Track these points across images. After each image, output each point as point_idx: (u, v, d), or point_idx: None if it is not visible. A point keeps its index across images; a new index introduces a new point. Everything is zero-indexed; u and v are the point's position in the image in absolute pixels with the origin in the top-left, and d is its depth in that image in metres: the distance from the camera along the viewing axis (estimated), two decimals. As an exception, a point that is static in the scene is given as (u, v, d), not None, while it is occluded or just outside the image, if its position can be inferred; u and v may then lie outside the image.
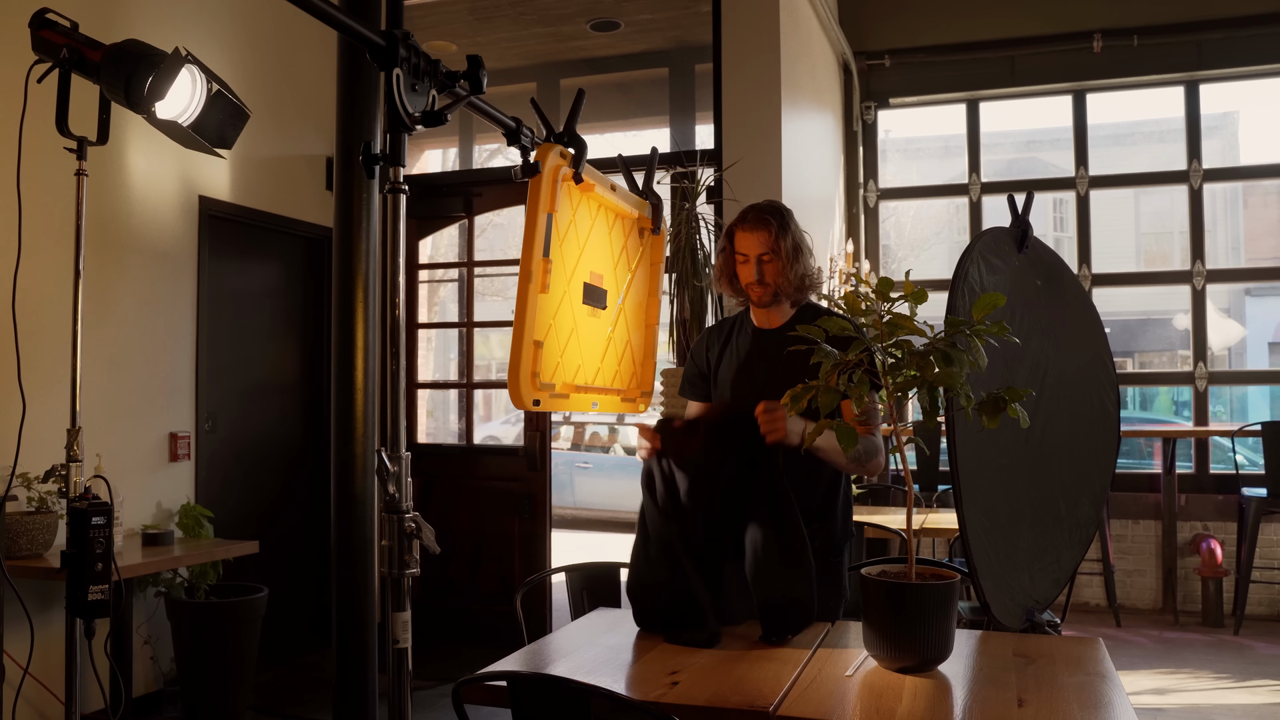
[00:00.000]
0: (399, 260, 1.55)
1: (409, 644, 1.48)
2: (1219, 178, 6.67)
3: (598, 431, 13.01)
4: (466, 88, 1.65)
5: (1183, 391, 7.92)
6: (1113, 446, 3.25)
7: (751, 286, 2.65)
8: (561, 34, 6.41)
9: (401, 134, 1.55)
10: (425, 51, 1.58)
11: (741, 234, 2.65)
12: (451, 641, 5.45)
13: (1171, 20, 6.41)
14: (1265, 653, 5.40)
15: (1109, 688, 2.06)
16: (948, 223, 9.83)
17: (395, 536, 1.48)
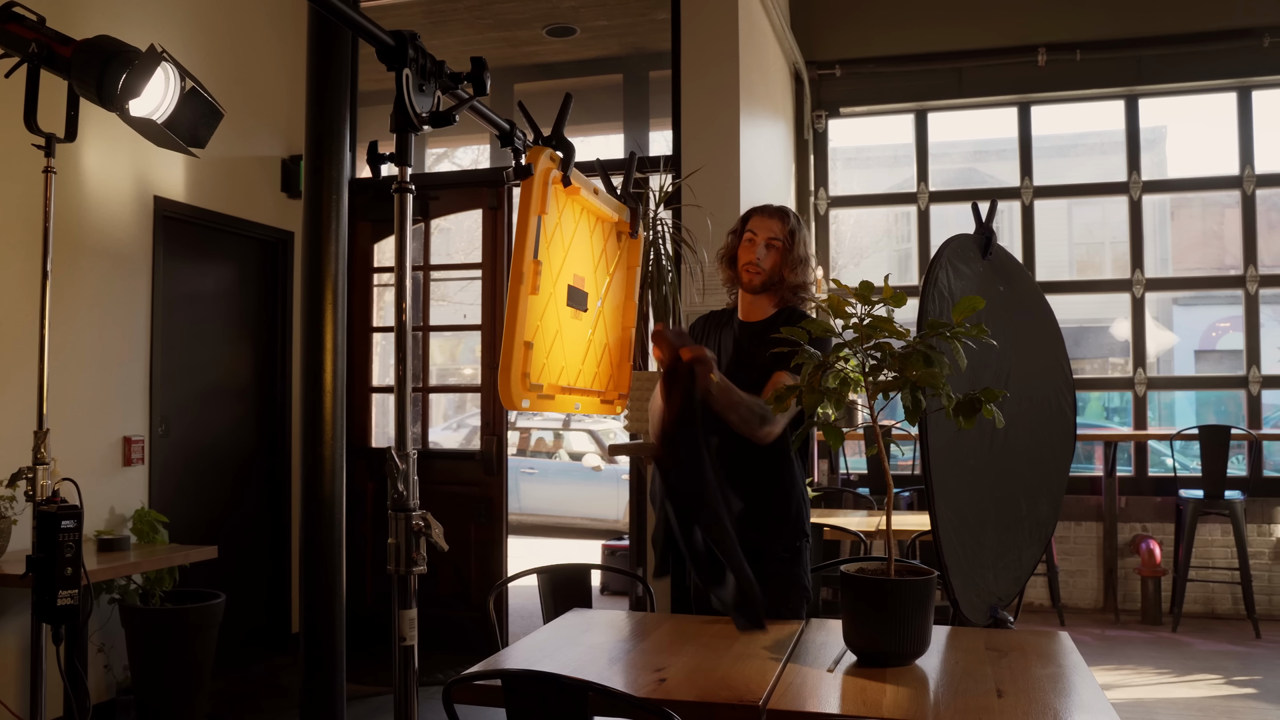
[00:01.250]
0: (406, 262, 1.56)
1: (415, 641, 1.49)
2: (1155, 190, 6.88)
3: (543, 437, 12.98)
4: (470, 90, 1.67)
5: (1113, 398, 8.13)
6: (1069, 448, 3.35)
7: (749, 266, 2.78)
8: (517, 39, 6.42)
9: (409, 134, 1.56)
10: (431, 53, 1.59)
11: (758, 217, 2.83)
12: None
13: (1112, 36, 6.61)
14: (1202, 648, 5.58)
15: (1080, 678, 2.13)
16: (887, 231, 9.99)
17: (403, 534, 1.48)
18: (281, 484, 5.54)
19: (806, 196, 7.17)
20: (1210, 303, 11.10)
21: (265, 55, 5.46)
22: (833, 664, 2.20)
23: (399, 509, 1.49)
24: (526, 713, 1.89)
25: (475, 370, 17.07)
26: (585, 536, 10.79)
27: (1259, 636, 5.78)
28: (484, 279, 5.53)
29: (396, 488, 1.49)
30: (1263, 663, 5.27)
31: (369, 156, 1.56)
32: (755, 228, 2.82)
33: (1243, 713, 4.47)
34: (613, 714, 2.00)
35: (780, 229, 2.80)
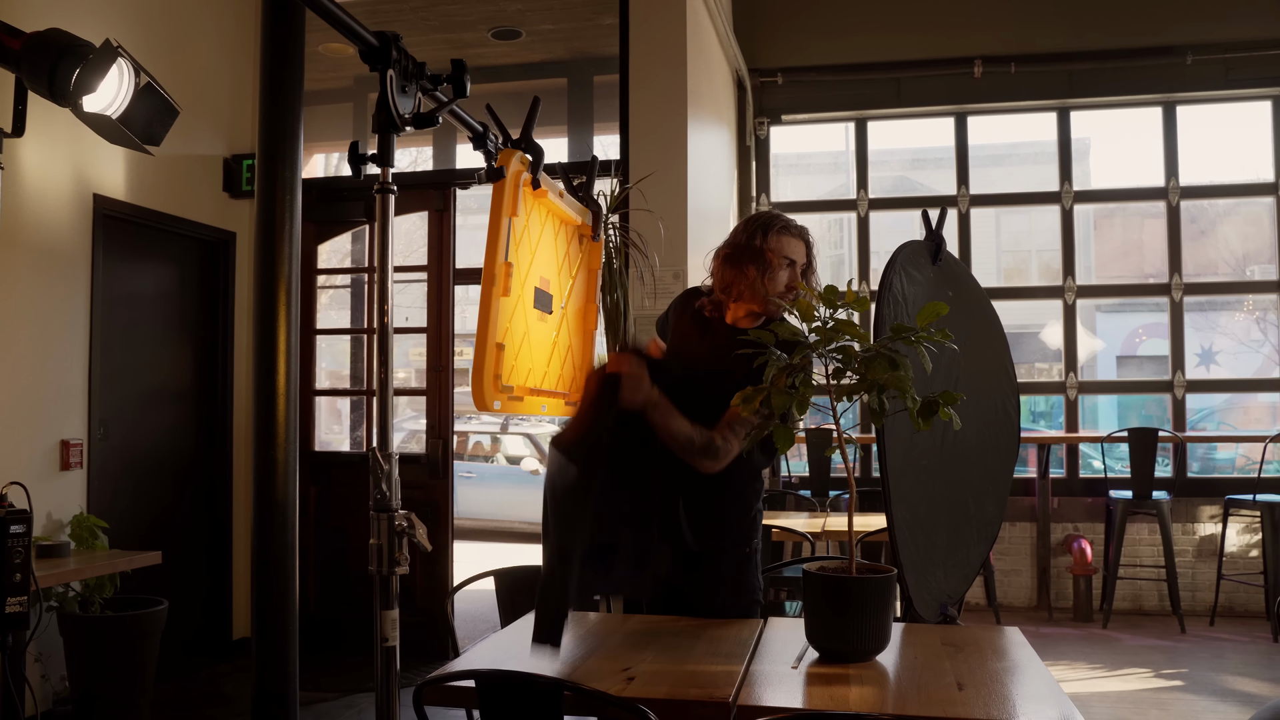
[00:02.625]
0: (388, 264, 1.56)
1: (397, 642, 1.49)
2: (1085, 199, 7.09)
3: (480, 441, 12.92)
4: (450, 92, 1.68)
5: (1039, 401, 8.36)
6: (1014, 449, 3.44)
7: (786, 294, 2.63)
8: (462, 41, 6.39)
9: (390, 134, 1.56)
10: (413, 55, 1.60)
11: (789, 239, 2.66)
12: (354, 653, 5.35)
13: (1046, 50, 6.80)
14: (1132, 644, 5.75)
15: (1034, 670, 2.20)
16: (822, 237, 10.12)
17: (385, 535, 1.49)
18: (222, 488, 5.45)
19: (748, 202, 7.24)
20: (1132, 310, 11.46)
21: (207, 53, 5.37)
22: (796, 661, 2.24)
23: (381, 509, 1.49)
24: (500, 713, 1.90)
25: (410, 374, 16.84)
26: (524, 541, 10.75)
27: (1184, 631, 5.98)
28: (429, 281, 5.51)
29: (380, 488, 1.49)
30: (1188, 656, 5.45)
31: (350, 156, 1.56)
32: (791, 252, 2.66)
33: (1172, 704, 4.62)
34: (585, 713, 2.02)
35: (807, 250, 2.70)
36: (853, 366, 2.18)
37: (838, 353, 2.21)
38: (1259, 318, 8.05)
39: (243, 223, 5.62)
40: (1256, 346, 8.20)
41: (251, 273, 5.62)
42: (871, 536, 4.53)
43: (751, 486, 2.76)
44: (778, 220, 2.68)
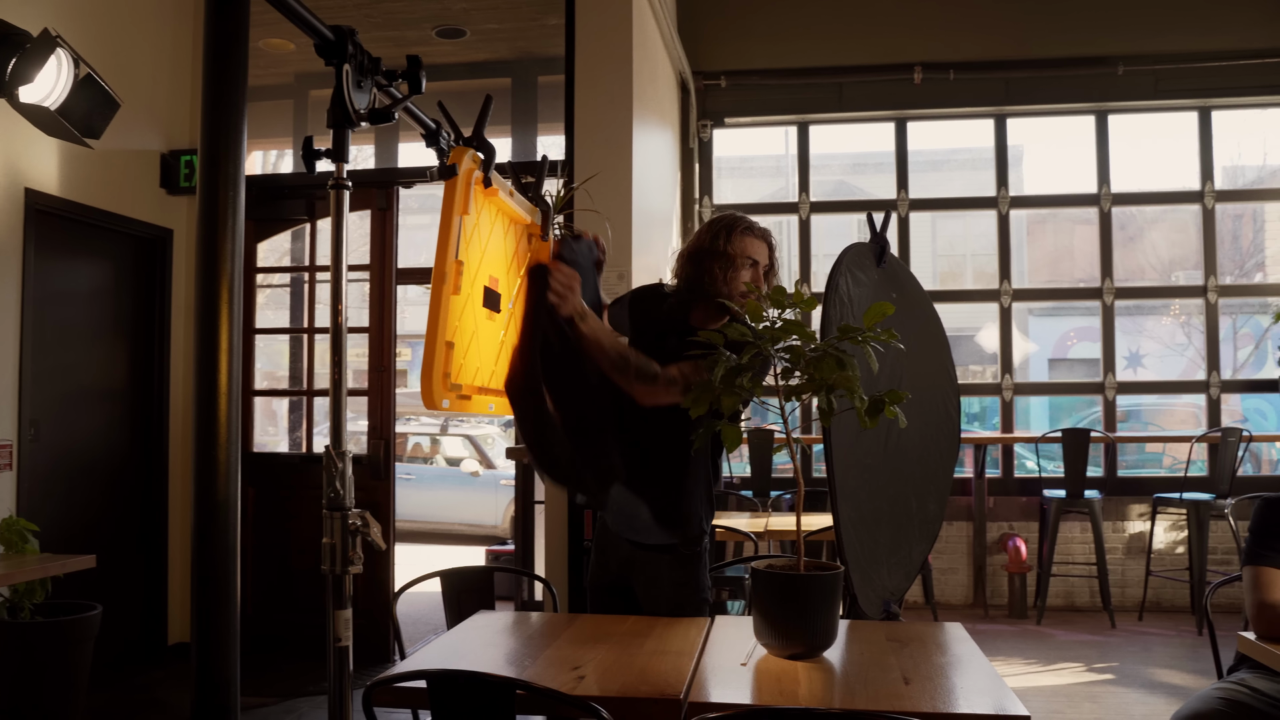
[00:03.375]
0: (342, 261, 1.55)
1: (350, 642, 1.48)
2: (1021, 205, 7.23)
3: (420, 442, 12.81)
4: (405, 89, 1.67)
5: (972, 403, 8.51)
6: (954, 448, 3.50)
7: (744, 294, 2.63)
8: (405, 39, 6.34)
9: (346, 129, 1.55)
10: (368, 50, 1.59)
11: (753, 239, 2.69)
12: (294, 657, 5.27)
13: (984, 58, 6.93)
14: (1065, 639, 5.88)
15: (977, 664, 2.25)
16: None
17: (338, 533, 1.47)
18: (157, 489, 5.35)
19: (691, 204, 7.28)
20: (1063, 314, 11.73)
21: (144, 46, 5.26)
22: (745, 657, 2.26)
23: (335, 508, 1.48)
24: (451, 713, 1.89)
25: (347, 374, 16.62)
26: (465, 542, 10.69)
27: (1114, 626, 6.13)
28: (372, 281, 5.45)
29: (333, 486, 1.47)
30: (1118, 650, 5.59)
31: (304, 152, 1.55)
32: (755, 253, 2.69)
33: (1103, 697, 4.74)
34: (537, 712, 2.02)
35: (769, 252, 2.73)
36: (801, 366, 2.21)
37: (786, 353, 2.24)
38: (1184, 322, 8.30)
39: (180, 219, 5.52)
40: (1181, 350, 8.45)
41: (189, 270, 5.54)
42: (813, 535, 4.58)
43: (707, 485, 2.78)
44: (741, 221, 2.72)
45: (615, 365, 2.51)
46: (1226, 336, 8.22)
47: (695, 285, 2.72)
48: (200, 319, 3.38)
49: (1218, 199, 6.95)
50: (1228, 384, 6.99)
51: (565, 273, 2.39)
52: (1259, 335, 7.34)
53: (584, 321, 2.44)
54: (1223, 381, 6.91)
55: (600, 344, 2.49)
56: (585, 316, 2.44)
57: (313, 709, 4.54)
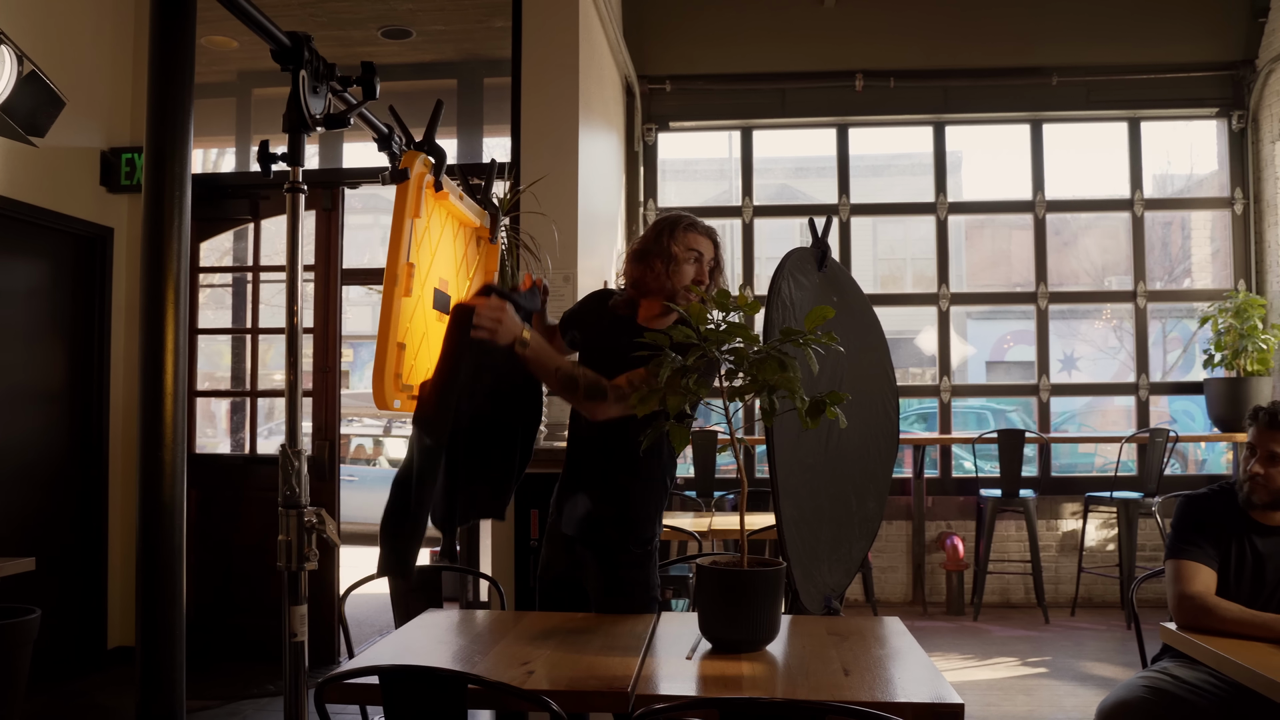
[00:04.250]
0: (297, 262, 1.58)
1: (305, 637, 1.51)
2: (959, 211, 7.40)
3: (363, 444, 12.72)
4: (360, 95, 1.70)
5: (910, 404, 8.67)
6: (893, 448, 3.59)
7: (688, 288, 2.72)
8: (351, 39, 6.32)
9: (301, 134, 1.58)
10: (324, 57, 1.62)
11: (696, 235, 2.76)
12: (236, 660, 5.24)
13: (923, 67, 7.08)
14: (1000, 635, 6.03)
15: (914, 656, 2.33)
16: (704, 243, 10.28)
17: (294, 530, 1.50)
18: (96, 491, 5.28)
19: (636, 207, 7.34)
20: (1000, 317, 11.98)
21: (84, 41, 5.19)
22: (690, 652, 2.32)
23: (291, 506, 1.51)
24: (405, 708, 1.92)
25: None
26: (409, 544, 10.61)
27: (1048, 622, 6.30)
28: (317, 281, 5.43)
29: (289, 484, 1.50)
30: (1051, 645, 5.75)
31: (260, 155, 1.57)
32: (698, 246, 2.77)
33: (1036, 690, 4.88)
34: (489, 706, 2.05)
35: (715, 248, 2.80)
36: (744, 368, 2.27)
37: (730, 354, 2.30)
38: (1116, 326, 8.52)
39: (121, 218, 5.45)
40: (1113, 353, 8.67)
41: (130, 269, 5.48)
42: (756, 534, 4.66)
43: (662, 485, 2.83)
44: (684, 219, 2.79)
45: (563, 385, 2.55)
46: (1156, 340, 8.46)
47: (641, 284, 2.78)
48: (146, 319, 3.36)
49: (1147, 207, 7.18)
50: (1156, 386, 7.21)
51: (491, 304, 2.38)
52: (1187, 339, 7.56)
53: (526, 347, 2.46)
54: (1151, 384, 7.13)
55: (546, 366, 2.53)
56: (527, 342, 2.46)
57: (256, 711, 4.52)
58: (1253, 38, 6.94)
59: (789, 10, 7.17)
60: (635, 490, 2.78)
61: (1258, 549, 2.75)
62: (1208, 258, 7.84)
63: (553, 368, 2.53)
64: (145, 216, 3.43)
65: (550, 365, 2.53)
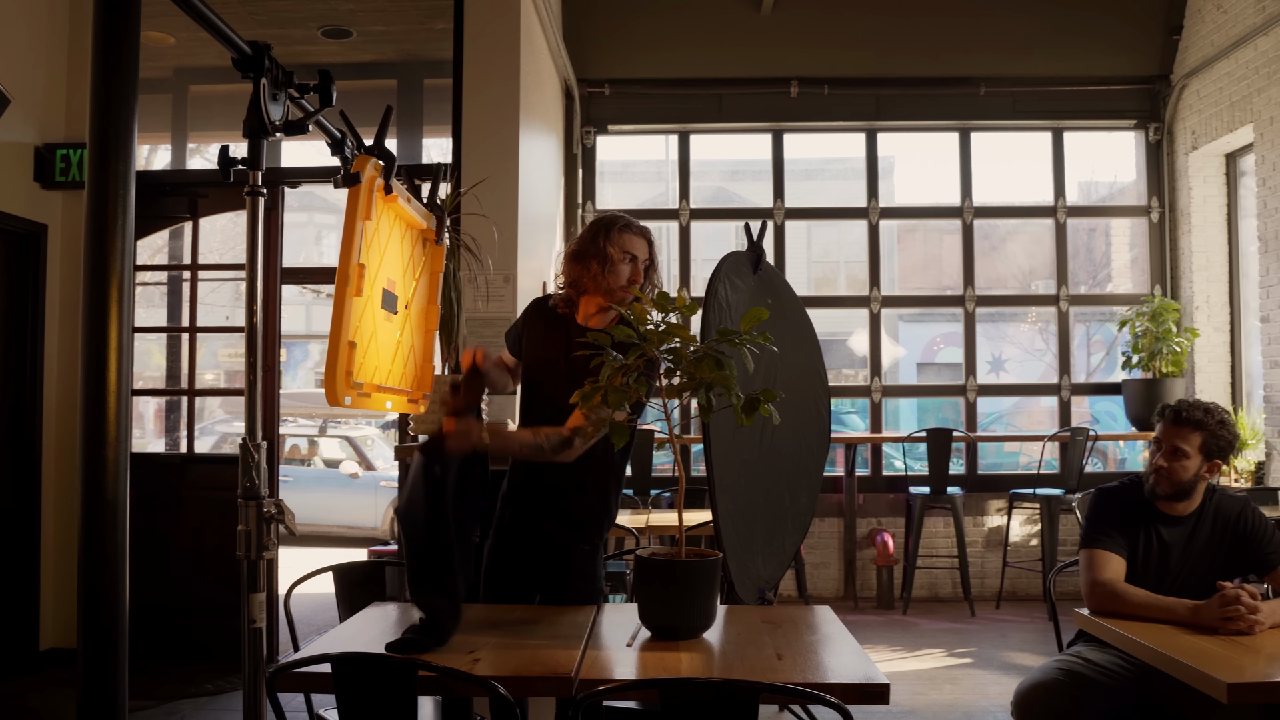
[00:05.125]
0: (257, 263, 1.64)
1: (264, 624, 1.58)
2: (890, 216, 7.60)
3: (297, 444, 12.62)
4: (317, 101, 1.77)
5: (843, 404, 8.87)
6: (825, 446, 3.73)
7: (624, 288, 2.83)
8: (290, 37, 6.32)
9: (261, 139, 1.64)
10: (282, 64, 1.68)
11: (630, 236, 2.86)
12: (175, 659, 5.21)
13: (856, 75, 7.27)
14: (929, 628, 6.22)
15: (843, 641, 2.44)
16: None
17: (254, 521, 1.57)
18: (29, 492, 5.22)
19: (575, 209, 7.42)
20: (931, 320, 12.27)
21: (19, 35, 5.14)
22: (631, 639, 2.41)
23: (250, 497, 1.57)
24: (356, 695, 1.99)
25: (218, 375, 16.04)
26: (344, 545, 10.58)
27: (974, 615, 6.51)
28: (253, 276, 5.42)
29: (249, 476, 1.57)
30: (977, 637, 5.94)
31: (220, 159, 1.63)
32: (632, 248, 2.86)
33: (962, 679, 5.06)
34: (437, 692, 2.13)
35: (649, 249, 2.89)
36: (682, 367, 2.37)
37: (668, 354, 2.40)
38: (1041, 328, 8.80)
39: (55, 215, 5.40)
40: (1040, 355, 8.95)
41: (64, 267, 5.42)
42: (692, 530, 4.77)
43: (613, 482, 2.91)
44: (619, 221, 2.90)
45: (533, 455, 2.69)
46: (1081, 343, 8.75)
47: (579, 284, 2.88)
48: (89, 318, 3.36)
49: (1069, 214, 7.44)
50: (1077, 387, 7.47)
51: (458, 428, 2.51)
52: (1110, 342, 7.84)
53: (492, 441, 2.60)
54: (1073, 385, 7.39)
55: (510, 449, 2.69)
56: (490, 437, 2.59)
57: (195, 710, 4.52)
58: (1168, 54, 7.24)
59: (726, 17, 7.31)
60: (583, 485, 2.87)
61: (1163, 538, 2.92)
62: (1128, 264, 8.14)
63: (515, 446, 2.70)
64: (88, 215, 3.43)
65: (514, 445, 2.69)
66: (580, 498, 2.86)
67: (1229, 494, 3.00)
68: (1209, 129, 6.84)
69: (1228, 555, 2.90)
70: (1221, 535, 2.91)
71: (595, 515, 2.88)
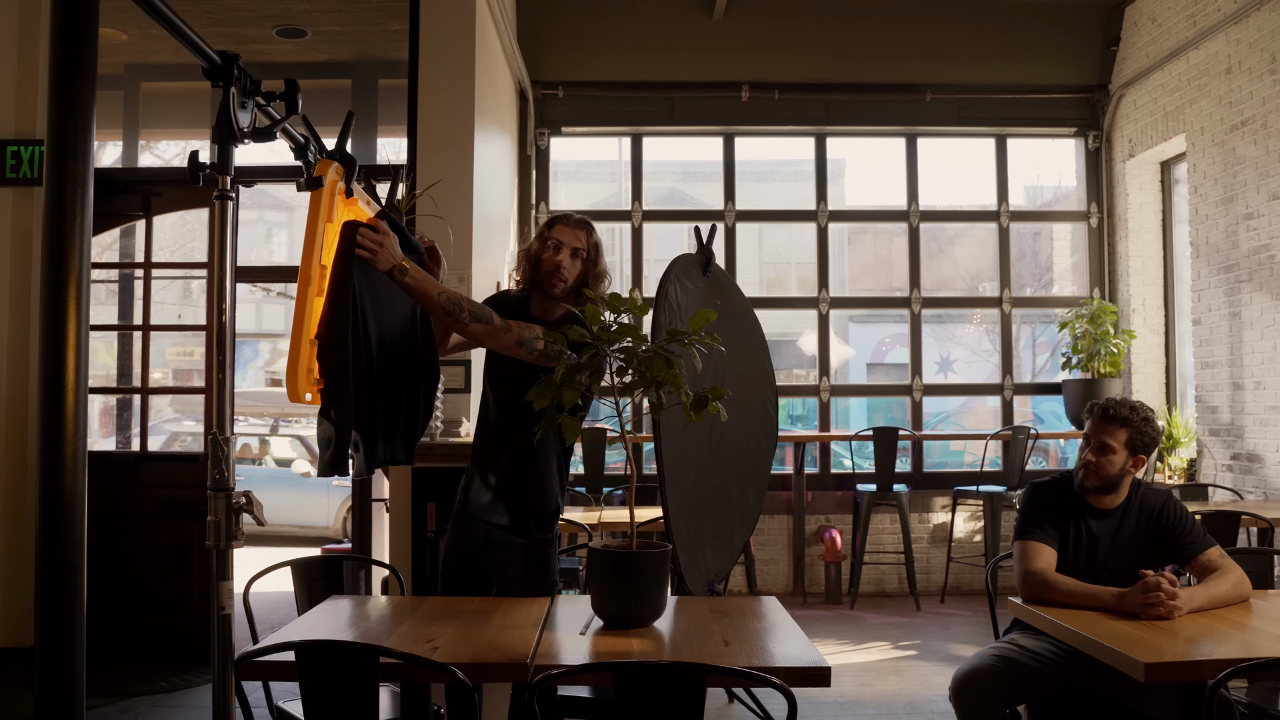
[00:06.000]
0: (227, 266, 1.71)
1: (233, 611, 1.64)
2: (838, 219, 7.75)
3: (248, 443, 12.55)
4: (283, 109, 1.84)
5: (795, 405, 9.02)
6: (772, 443, 3.85)
7: (552, 273, 2.92)
8: (244, 36, 6.32)
9: (231, 146, 1.71)
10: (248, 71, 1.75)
11: (563, 227, 2.97)
12: (128, 658, 5.21)
13: (806, 80, 7.42)
14: (875, 621, 6.38)
15: (788, 629, 2.55)
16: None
17: (223, 512, 1.63)
18: (-23, 490, 5.19)
19: (528, 210, 7.49)
20: (881, 321, 12.48)
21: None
22: (584, 628, 2.50)
23: (219, 489, 1.64)
24: (319, 683, 2.05)
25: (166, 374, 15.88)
26: (297, 544, 10.54)
27: (919, 609, 6.68)
28: (210, 278, 5.44)
29: (219, 469, 1.63)
30: (922, 630, 6.11)
31: (190, 164, 1.69)
32: (561, 236, 2.95)
33: (906, 671, 5.21)
34: (396, 679, 2.20)
35: (585, 239, 2.97)
36: (633, 365, 2.46)
37: (620, 353, 2.49)
38: (988, 330, 9.02)
39: (5, 211, 5.36)
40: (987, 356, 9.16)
41: (13, 265, 5.39)
42: (644, 526, 4.86)
43: (561, 475, 3.00)
44: (558, 215, 3.05)
45: (447, 310, 2.70)
46: (1027, 344, 8.97)
47: (532, 278, 2.99)
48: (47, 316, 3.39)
49: (1012, 219, 7.64)
50: (1020, 387, 7.68)
51: (379, 228, 2.51)
52: (1055, 343, 8.06)
53: (405, 275, 2.60)
54: (1015, 385, 7.60)
55: (428, 293, 2.67)
56: (406, 269, 2.60)
57: (149, 708, 4.53)
58: (1107, 64, 7.47)
59: (679, 22, 7.42)
60: (541, 478, 2.95)
61: (1092, 530, 3.06)
62: (1069, 267, 8.37)
63: (435, 293, 2.68)
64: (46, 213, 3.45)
65: (433, 291, 2.67)
66: (531, 492, 2.94)
67: (1153, 488, 3.15)
68: (1145, 138, 7.07)
69: (1152, 546, 3.05)
70: (1146, 527, 3.06)
71: (545, 508, 2.97)
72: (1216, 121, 6.25)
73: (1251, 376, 5.98)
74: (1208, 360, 6.40)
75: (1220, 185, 6.24)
